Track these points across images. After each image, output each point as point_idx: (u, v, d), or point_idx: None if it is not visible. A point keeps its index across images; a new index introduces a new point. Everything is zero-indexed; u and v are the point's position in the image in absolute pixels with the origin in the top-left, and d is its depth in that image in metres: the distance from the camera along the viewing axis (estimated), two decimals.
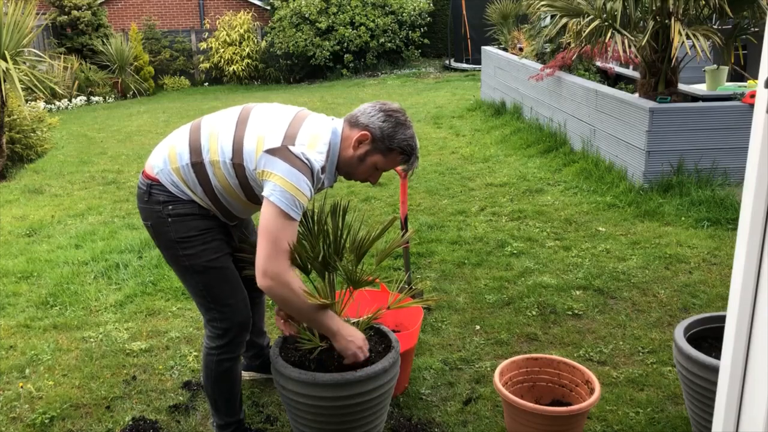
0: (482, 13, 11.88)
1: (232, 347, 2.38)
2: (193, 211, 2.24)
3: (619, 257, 4.23)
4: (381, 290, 3.04)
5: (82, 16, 14.45)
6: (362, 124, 2.19)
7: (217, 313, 2.33)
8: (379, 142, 2.18)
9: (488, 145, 7.48)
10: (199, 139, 2.22)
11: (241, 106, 2.30)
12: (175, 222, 2.23)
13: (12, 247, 4.84)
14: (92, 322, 3.61)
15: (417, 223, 4.95)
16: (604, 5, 5.50)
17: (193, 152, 2.21)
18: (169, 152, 2.24)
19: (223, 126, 2.21)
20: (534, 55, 8.71)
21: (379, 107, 2.21)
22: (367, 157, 2.20)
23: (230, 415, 2.50)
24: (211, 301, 2.32)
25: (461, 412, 2.73)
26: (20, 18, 6.85)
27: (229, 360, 2.40)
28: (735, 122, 5.25)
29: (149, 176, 2.26)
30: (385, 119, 2.18)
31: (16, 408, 2.83)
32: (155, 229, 2.28)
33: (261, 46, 15.86)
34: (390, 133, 2.17)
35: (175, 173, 2.22)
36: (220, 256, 2.30)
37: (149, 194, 2.24)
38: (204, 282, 2.29)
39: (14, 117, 7.58)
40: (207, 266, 2.27)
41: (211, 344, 2.38)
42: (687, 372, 2.33)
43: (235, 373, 2.45)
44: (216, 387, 2.44)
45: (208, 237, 2.27)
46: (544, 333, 3.34)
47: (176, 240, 2.24)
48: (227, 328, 2.34)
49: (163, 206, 2.23)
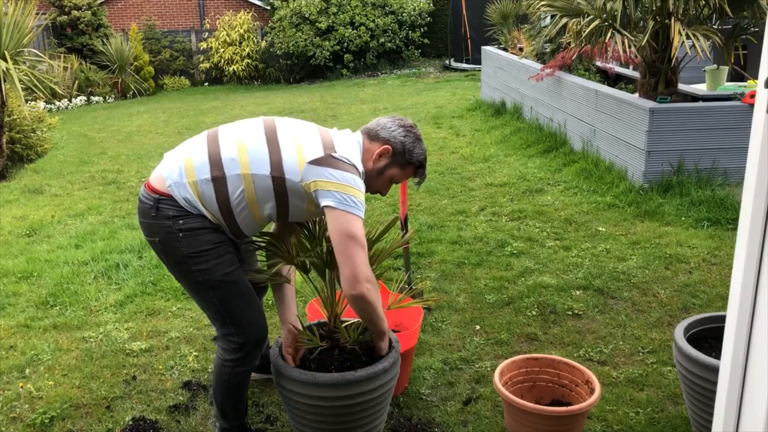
0: (482, 13, 11.87)
1: (248, 360, 2.35)
2: (205, 225, 2.19)
3: (619, 257, 4.23)
4: (381, 290, 3.03)
5: (82, 16, 14.45)
6: (383, 138, 2.25)
7: (233, 327, 2.28)
8: (399, 155, 2.26)
9: (488, 145, 7.48)
10: (219, 152, 2.16)
11: (260, 118, 2.27)
12: (186, 237, 2.17)
13: (12, 247, 4.85)
14: (92, 322, 3.61)
15: (417, 223, 4.95)
16: (604, 5, 5.50)
17: (214, 166, 2.14)
18: (185, 164, 2.17)
19: (251, 138, 2.17)
20: (534, 55, 8.71)
21: (398, 122, 2.28)
22: (386, 170, 2.27)
23: (236, 419, 2.50)
24: (226, 316, 2.27)
25: (461, 412, 2.73)
26: (20, 18, 6.85)
27: (245, 372, 2.38)
28: (735, 122, 5.25)
29: (157, 190, 2.19)
30: (406, 134, 2.26)
31: (16, 408, 2.83)
32: (164, 245, 2.20)
33: (261, 46, 15.86)
34: (410, 147, 2.26)
35: (191, 187, 2.16)
36: (234, 269, 2.25)
37: (157, 209, 2.17)
38: (219, 297, 2.24)
39: (14, 117, 7.58)
40: (222, 280, 2.22)
41: (227, 357, 2.33)
42: (687, 372, 2.33)
43: (247, 384, 2.44)
44: (227, 396, 2.43)
45: (221, 250, 2.22)
46: (544, 333, 3.34)
47: (188, 255, 2.18)
48: (244, 342, 2.30)
49: (173, 221, 2.16)
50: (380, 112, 9.97)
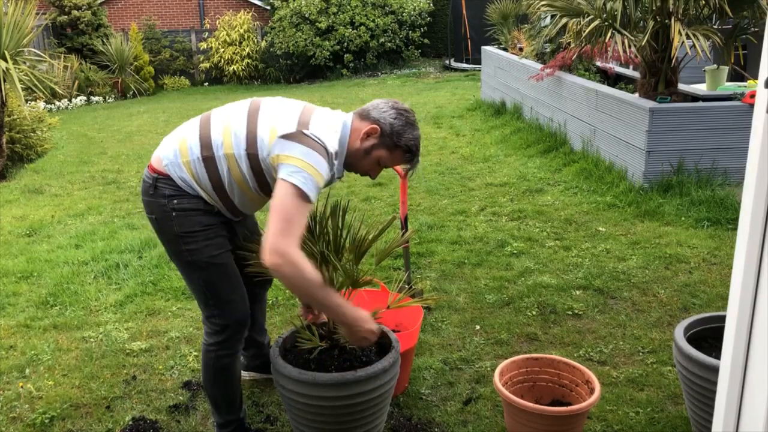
0: (482, 13, 11.88)
1: (231, 344, 2.39)
2: (198, 207, 2.25)
3: (619, 257, 4.23)
4: (381, 290, 3.04)
5: (82, 15, 14.45)
6: (373, 117, 2.23)
7: (215, 309, 2.34)
8: (387, 137, 2.22)
9: (488, 145, 7.48)
10: (210, 133, 2.23)
11: (249, 99, 2.32)
12: (179, 216, 2.23)
13: (12, 247, 4.85)
14: (92, 322, 3.61)
15: (417, 223, 4.95)
16: (604, 5, 5.50)
17: (204, 146, 2.21)
18: (180, 145, 2.25)
19: (234, 118, 2.23)
20: (534, 55, 8.71)
21: (391, 104, 2.26)
22: (373, 150, 2.24)
23: (230, 413, 2.50)
24: (210, 297, 2.33)
25: (461, 412, 2.73)
26: (20, 18, 6.85)
27: (228, 356, 2.40)
28: (735, 122, 5.25)
29: (156, 170, 2.26)
30: (397, 116, 2.23)
31: (16, 408, 2.84)
32: (159, 223, 2.28)
33: (261, 46, 15.85)
34: (399, 130, 2.22)
35: (185, 167, 2.22)
36: (222, 252, 2.30)
37: (155, 187, 2.24)
38: (205, 278, 2.30)
39: (14, 117, 7.58)
40: (209, 262, 2.28)
41: (210, 340, 2.39)
42: (687, 372, 2.33)
43: (234, 371, 2.46)
44: (216, 384, 2.45)
45: (211, 233, 2.28)
46: (544, 333, 3.34)
47: (179, 234, 2.25)
48: (226, 324, 2.35)
49: (168, 200, 2.23)
50: None
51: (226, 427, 2.51)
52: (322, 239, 2.34)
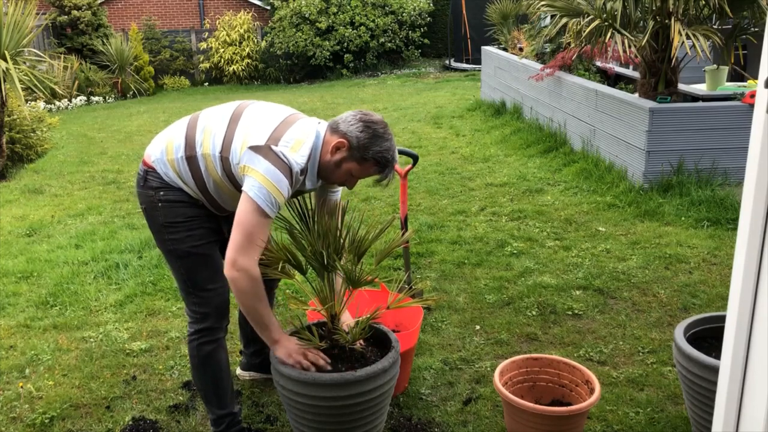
0: (482, 13, 11.88)
1: (212, 331, 2.45)
2: (182, 199, 2.36)
3: (619, 257, 4.23)
4: (381, 290, 3.04)
5: (82, 16, 14.45)
6: (341, 131, 2.25)
7: (195, 297, 2.42)
8: (355, 150, 2.23)
9: (488, 145, 7.48)
10: (195, 133, 2.32)
11: (238, 102, 2.40)
12: (164, 207, 2.35)
13: (12, 247, 4.85)
14: (92, 322, 3.61)
15: (417, 223, 4.95)
16: (604, 5, 5.50)
17: (188, 146, 2.31)
18: (166, 144, 2.36)
19: (217, 122, 2.32)
20: (534, 55, 8.71)
21: (359, 117, 2.26)
22: (343, 163, 2.26)
23: (221, 407, 2.50)
24: (191, 286, 2.41)
25: (461, 412, 2.73)
26: (20, 18, 6.85)
27: (209, 343, 2.44)
28: (735, 122, 5.25)
29: (146, 164, 2.39)
30: (363, 129, 2.23)
31: (16, 408, 2.84)
32: (147, 213, 2.41)
33: (261, 46, 15.85)
34: (366, 143, 2.22)
35: (169, 164, 2.33)
36: (204, 243, 2.40)
37: (145, 180, 2.37)
38: (185, 266, 2.39)
39: (14, 117, 7.58)
40: (189, 252, 2.37)
41: (192, 330, 2.46)
42: (687, 372, 2.33)
43: (219, 361, 2.48)
44: (202, 375, 2.48)
45: (194, 224, 2.38)
46: (544, 333, 3.34)
47: (164, 224, 2.37)
48: (206, 312, 2.42)
49: (156, 192, 2.35)
50: (380, 112, 9.98)
51: (220, 422, 2.51)
52: (321, 239, 2.34)
